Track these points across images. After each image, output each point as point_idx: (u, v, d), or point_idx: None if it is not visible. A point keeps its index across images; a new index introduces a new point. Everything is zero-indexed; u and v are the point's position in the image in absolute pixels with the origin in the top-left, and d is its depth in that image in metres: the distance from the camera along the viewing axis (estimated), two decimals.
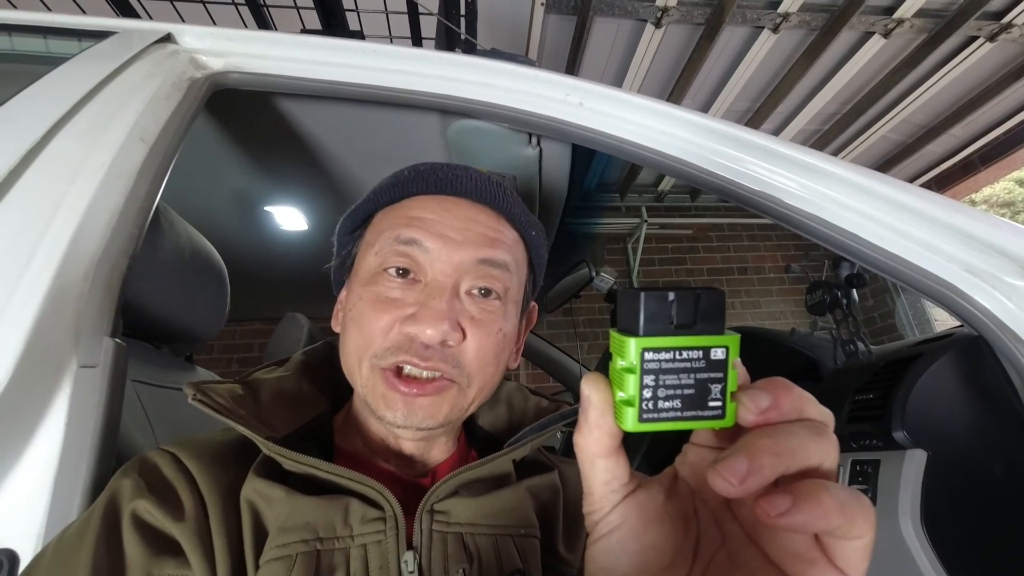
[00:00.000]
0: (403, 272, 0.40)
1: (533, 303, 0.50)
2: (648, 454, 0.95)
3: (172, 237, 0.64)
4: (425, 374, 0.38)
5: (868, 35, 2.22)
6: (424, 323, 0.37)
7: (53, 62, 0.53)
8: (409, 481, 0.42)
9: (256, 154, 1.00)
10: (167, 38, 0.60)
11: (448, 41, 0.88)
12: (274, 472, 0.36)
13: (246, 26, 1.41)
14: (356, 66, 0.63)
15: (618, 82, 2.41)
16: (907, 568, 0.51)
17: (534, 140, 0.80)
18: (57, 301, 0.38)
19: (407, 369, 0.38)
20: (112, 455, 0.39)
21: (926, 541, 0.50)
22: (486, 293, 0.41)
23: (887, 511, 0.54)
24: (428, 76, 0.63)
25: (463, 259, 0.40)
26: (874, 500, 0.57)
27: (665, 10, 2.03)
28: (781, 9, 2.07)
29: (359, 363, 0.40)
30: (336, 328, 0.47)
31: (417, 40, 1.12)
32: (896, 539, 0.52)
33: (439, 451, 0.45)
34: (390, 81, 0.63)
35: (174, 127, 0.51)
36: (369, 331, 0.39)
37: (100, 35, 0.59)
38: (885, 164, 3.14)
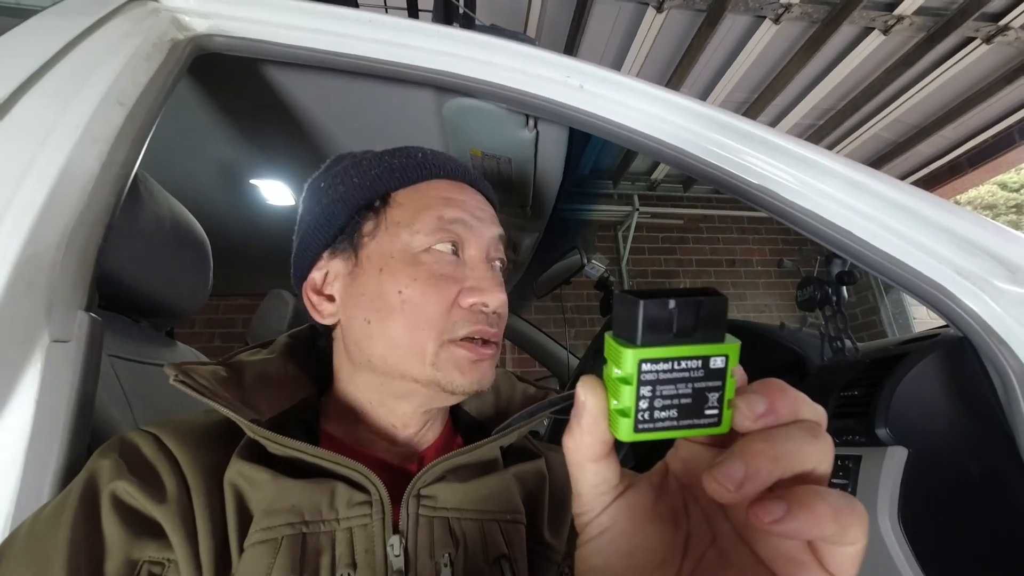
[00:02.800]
0: (454, 248, 0.42)
1: None
2: (635, 446, 0.96)
3: (152, 207, 0.62)
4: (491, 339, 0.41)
5: (868, 31, 2.21)
6: (489, 293, 0.40)
7: (21, 15, 0.49)
8: (396, 466, 0.42)
9: (242, 124, 0.96)
10: None
11: (446, 14, 0.85)
12: (259, 455, 0.36)
13: None
14: (349, 36, 0.60)
15: (617, 66, 2.37)
16: (883, 562, 0.52)
17: (531, 122, 0.78)
18: (27, 272, 0.36)
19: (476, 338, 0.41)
20: (87, 434, 0.37)
21: (902, 536, 0.51)
22: (498, 264, 0.46)
23: (866, 507, 0.55)
24: (424, 50, 0.60)
25: (491, 235, 0.44)
26: (854, 495, 0.58)
27: None
28: (784, 0, 2.05)
29: (424, 344, 0.39)
30: (322, 319, 0.44)
31: (414, 12, 1.08)
32: (873, 534, 0.54)
33: (430, 433, 0.45)
34: (384, 53, 0.60)
35: (155, 91, 0.48)
36: (433, 309, 0.40)
37: None
38: (876, 162, 3.17)
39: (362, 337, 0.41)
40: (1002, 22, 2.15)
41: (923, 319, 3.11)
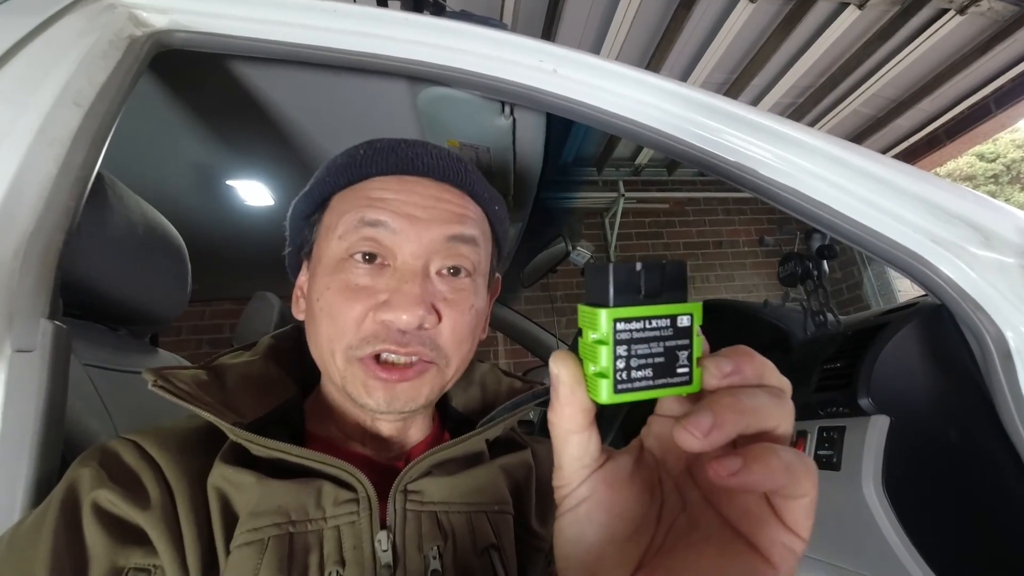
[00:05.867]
0: (370, 257, 0.39)
1: (497, 275, 0.50)
2: (624, 426, 0.97)
3: (122, 212, 0.60)
4: (403, 360, 0.38)
5: (843, 6, 2.21)
6: (399, 309, 0.36)
7: None
8: (383, 464, 0.42)
9: (214, 124, 0.94)
10: None
11: (415, 2, 0.84)
12: (242, 458, 0.35)
13: None
14: (315, 27, 0.58)
15: (596, 51, 2.35)
16: (869, 528, 0.53)
17: (507, 109, 0.77)
18: None
19: (384, 356, 0.38)
20: (58, 445, 0.36)
21: (887, 502, 0.52)
22: (456, 272, 0.41)
23: (851, 475, 0.56)
24: (394, 39, 0.59)
25: (432, 238, 0.39)
26: (839, 465, 0.59)
27: None
28: None
29: (332, 355, 0.39)
30: (298, 315, 0.46)
31: (382, 0, 1.06)
32: (858, 502, 0.55)
33: (414, 432, 0.45)
34: (353, 44, 0.59)
35: (113, 90, 0.46)
36: (342, 322, 0.38)
37: None
38: (856, 138, 3.19)
39: (308, 337, 0.42)
40: None
41: (907, 291, 3.16)
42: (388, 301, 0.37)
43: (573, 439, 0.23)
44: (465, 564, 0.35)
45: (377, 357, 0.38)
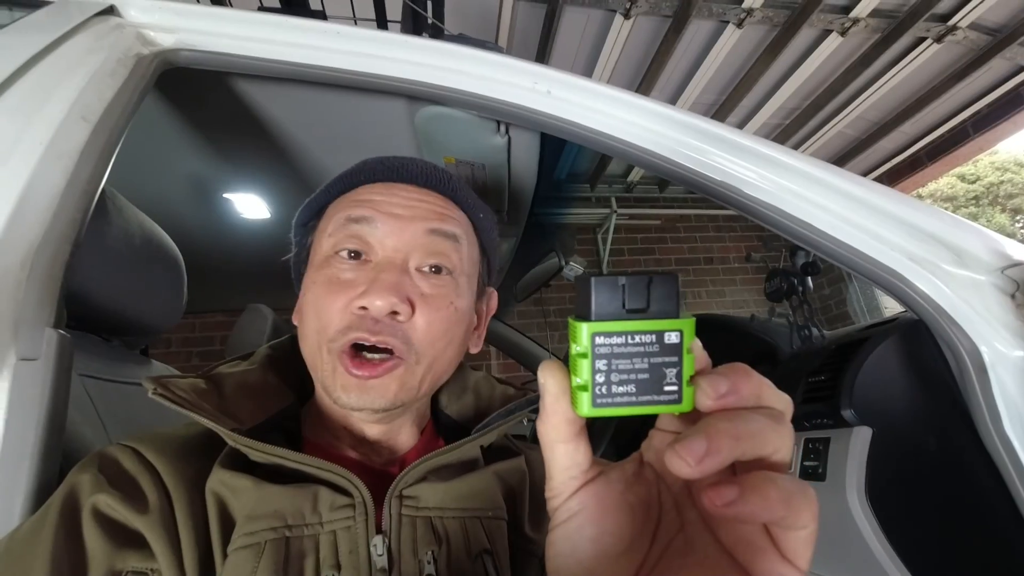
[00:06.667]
0: (355, 254, 0.41)
1: (492, 289, 0.51)
2: (614, 439, 0.97)
3: (120, 224, 0.61)
4: (376, 357, 0.39)
5: (826, 33, 2.30)
6: (373, 295, 0.38)
7: None
8: (378, 469, 0.43)
9: (214, 138, 0.95)
10: (110, 10, 0.56)
11: (415, 25, 0.86)
12: (240, 464, 0.36)
13: (199, 0, 1.34)
14: (318, 48, 0.60)
15: (588, 73, 2.42)
16: (852, 536, 0.54)
17: (502, 128, 0.79)
18: None
19: (357, 343, 0.39)
20: (58, 453, 0.37)
21: (869, 511, 0.54)
22: (436, 270, 0.42)
23: (835, 485, 0.58)
24: (394, 60, 0.61)
25: (413, 231, 0.41)
26: (824, 476, 0.60)
27: (633, 1, 2.04)
28: (745, 4, 2.12)
29: (319, 350, 0.40)
30: (297, 322, 0.47)
31: (383, 23, 1.09)
32: (843, 511, 0.56)
33: (405, 437, 0.45)
34: (354, 65, 0.61)
35: (120, 106, 0.48)
36: (326, 315, 0.39)
37: (34, 4, 0.55)
38: (841, 159, 3.28)
39: (300, 337, 0.43)
40: (950, 22, 2.26)
41: (893, 307, 3.21)
42: (365, 290, 0.39)
43: (559, 449, 0.22)
44: (459, 569, 0.36)
45: (354, 355, 0.39)
